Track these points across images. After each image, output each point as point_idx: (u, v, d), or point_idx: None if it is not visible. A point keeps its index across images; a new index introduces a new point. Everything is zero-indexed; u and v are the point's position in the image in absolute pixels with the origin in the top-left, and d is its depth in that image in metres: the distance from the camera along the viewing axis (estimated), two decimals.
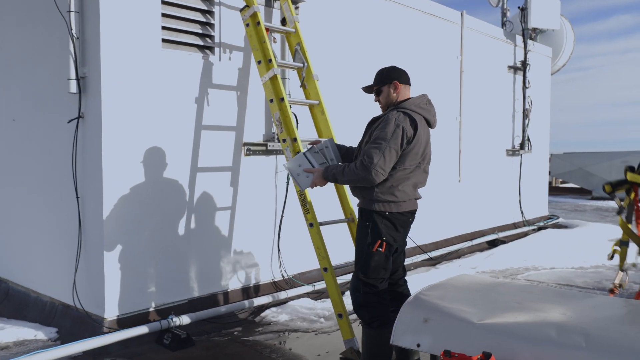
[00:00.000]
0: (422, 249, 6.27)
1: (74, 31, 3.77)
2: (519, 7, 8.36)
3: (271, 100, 3.95)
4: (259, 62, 4.00)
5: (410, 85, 3.23)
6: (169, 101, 4.02)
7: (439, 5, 6.68)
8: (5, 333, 4.01)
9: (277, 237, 4.75)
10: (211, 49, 4.31)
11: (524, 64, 8.25)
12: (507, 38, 8.06)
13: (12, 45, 4.66)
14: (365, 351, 3.13)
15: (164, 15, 4.00)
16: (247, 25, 4.08)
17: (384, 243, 3.07)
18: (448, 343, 2.26)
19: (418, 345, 2.37)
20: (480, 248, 7.41)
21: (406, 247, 5.75)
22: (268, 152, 4.69)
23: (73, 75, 3.80)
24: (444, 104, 6.81)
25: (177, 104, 4.08)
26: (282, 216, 4.74)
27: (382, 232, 3.06)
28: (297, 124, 4.57)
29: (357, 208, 3.25)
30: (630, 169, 3.83)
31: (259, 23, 4.03)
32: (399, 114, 3.00)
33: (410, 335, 2.43)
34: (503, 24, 8.60)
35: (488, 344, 2.17)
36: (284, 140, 3.89)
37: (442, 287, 2.80)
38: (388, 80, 3.18)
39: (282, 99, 3.90)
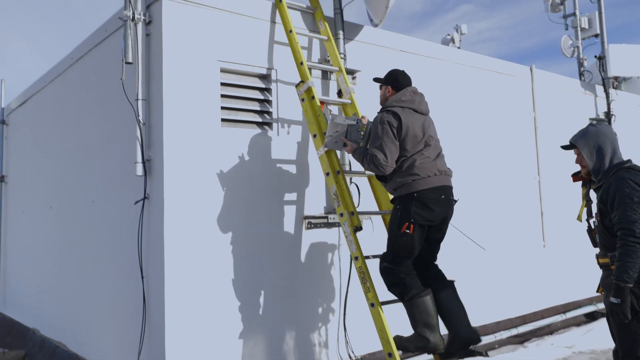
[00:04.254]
0: (510, 323, 5.74)
1: (140, 117, 3.95)
2: (596, 56, 7.92)
3: (327, 174, 3.88)
4: (314, 136, 3.98)
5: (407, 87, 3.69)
6: (229, 178, 4.06)
7: (504, 62, 6.45)
8: None
9: (343, 314, 4.51)
10: (269, 124, 4.36)
11: (608, 115, 7.69)
12: (586, 89, 7.59)
13: (92, 132, 5.01)
14: (411, 320, 3.47)
15: (223, 96, 4.12)
16: (302, 100, 4.11)
17: (412, 225, 3.35)
18: None
19: None
20: (576, 322, 6.61)
21: (489, 322, 5.32)
22: (330, 225, 4.56)
23: (139, 158, 3.95)
24: (520, 163, 6.43)
25: (237, 181, 4.11)
26: (347, 291, 4.51)
27: (410, 213, 3.36)
28: (360, 194, 4.47)
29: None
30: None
31: (313, 97, 4.04)
32: (382, 113, 3.56)
33: None
34: (581, 75, 8.15)
35: None
36: (341, 215, 3.76)
37: None
38: (386, 82, 3.76)
39: (339, 172, 3.82)
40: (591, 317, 6.78)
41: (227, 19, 4.16)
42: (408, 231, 3.33)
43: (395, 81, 3.69)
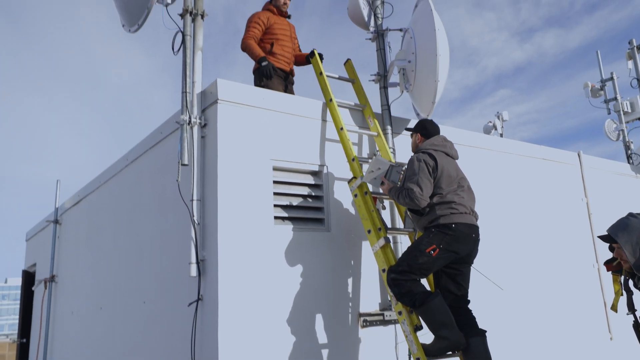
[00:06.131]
0: None
1: (195, 217, 3.98)
2: None
3: (383, 270, 3.78)
4: (368, 232, 3.93)
5: (437, 135, 4.05)
6: (283, 277, 3.99)
7: (551, 149, 6.43)
8: None
9: None
10: (322, 220, 4.35)
11: None
12: (636, 172, 7.43)
13: (145, 232, 5.07)
14: (429, 326, 3.53)
15: (275, 194, 4.16)
16: (355, 195, 4.11)
17: (437, 249, 3.53)
18: None
19: None
20: None
21: None
22: (385, 322, 4.38)
23: (194, 259, 3.92)
24: (576, 250, 6.18)
25: (292, 279, 4.04)
26: None
27: (442, 240, 3.56)
28: None
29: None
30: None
31: (366, 192, 4.04)
32: (419, 154, 3.87)
33: None
34: (628, 157, 8.01)
35: None
36: (399, 313, 3.61)
37: None
38: (415, 130, 4.14)
39: None
40: None
41: (279, 119, 4.30)
42: (432, 253, 3.54)
43: (424, 129, 4.08)
